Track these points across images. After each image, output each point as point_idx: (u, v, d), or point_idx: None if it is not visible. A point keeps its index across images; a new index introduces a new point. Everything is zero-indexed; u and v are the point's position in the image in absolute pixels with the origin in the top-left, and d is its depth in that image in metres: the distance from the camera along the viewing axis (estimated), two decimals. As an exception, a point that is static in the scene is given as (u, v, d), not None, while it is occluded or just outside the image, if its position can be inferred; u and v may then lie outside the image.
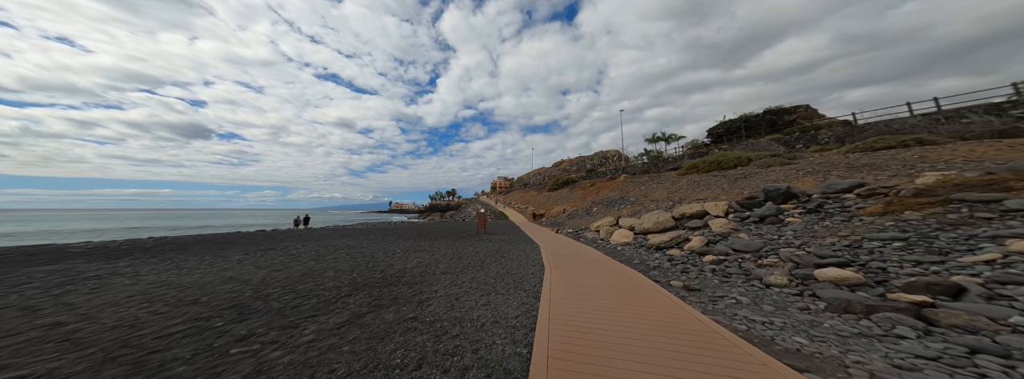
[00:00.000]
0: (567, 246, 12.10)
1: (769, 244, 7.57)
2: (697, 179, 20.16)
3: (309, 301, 4.89)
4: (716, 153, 22.59)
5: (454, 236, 16.57)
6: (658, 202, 19.49)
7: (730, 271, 6.86)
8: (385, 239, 14.19)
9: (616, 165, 39.50)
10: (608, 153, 47.88)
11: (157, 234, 18.62)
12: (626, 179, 28.72)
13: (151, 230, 28.53)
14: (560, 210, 30.97)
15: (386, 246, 11.82)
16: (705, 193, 17.44)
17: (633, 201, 22.39)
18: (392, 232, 18.43)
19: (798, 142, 22.56)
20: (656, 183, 23.79)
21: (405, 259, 8.89)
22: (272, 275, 6.65)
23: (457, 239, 15.20)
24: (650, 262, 8.65)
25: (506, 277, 6.79)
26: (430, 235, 16.76)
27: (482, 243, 13.62)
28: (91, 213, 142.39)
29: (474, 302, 4.93)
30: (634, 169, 30.89)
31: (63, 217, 72.80)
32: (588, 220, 22.97)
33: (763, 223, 9.08)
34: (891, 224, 6.43)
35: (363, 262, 8.31)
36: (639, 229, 12.90)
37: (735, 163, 19.66)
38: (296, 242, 12.83)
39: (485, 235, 17.16)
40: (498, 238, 15.66)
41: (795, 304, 4.87)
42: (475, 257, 9.59)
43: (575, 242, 13.78)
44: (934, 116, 17.71)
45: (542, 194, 42.34)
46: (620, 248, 11.62)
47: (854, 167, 14.00)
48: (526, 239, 15.24)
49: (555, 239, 14.98)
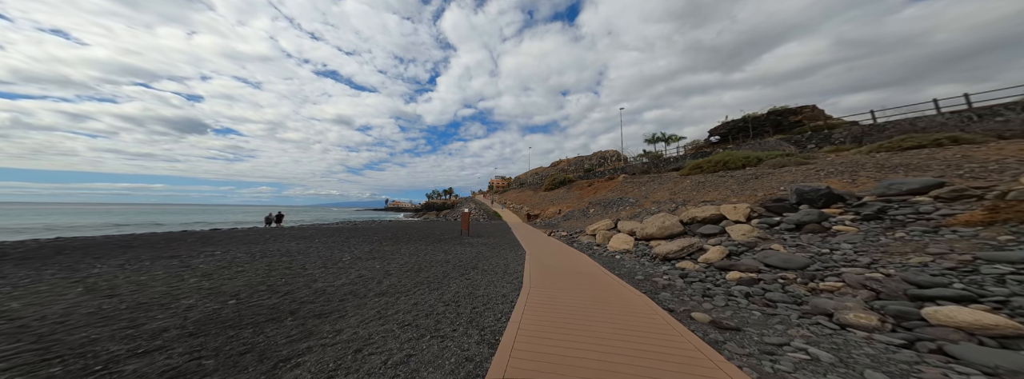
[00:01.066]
0: (557, 253, 10.12)
1: (819, 260, 5.61)
2: (702, 180, 18.23)
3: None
4: (722, 152, 20.67)
5: (433, 239, 14.56)
6: (660, 204, 17.56)
7: (773, 297, 4.90)
8: (347, 242, 12.14)
9: (614, 165, 37.59)
10: (607, 153, 45.95)
11: (85, 233, 16.46)
12: (625, 179, 26.78)
13: (96, 228, 26.29)
14: (555, 211, 29.01)
15: (336, 252, 9.70)
16: (712, 195, 15.51)
17: (632, 202, 20.43)
18: (364, 233, 16.41)
19: (809, 142, 20.66)
20: (657, 184, 21.84)
21: (344, 272, 6.86)
22: (92, 305, 4.41)
23: (434, 242, 13.20)
24: (657, 278, 6.68)
25: (464, 302, 4.81)
26: (405, 237, 14.76)
27: (460, 248, 11.62)
28: (66, 207, 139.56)
29: (383, 357, 2.96)
30: (633, 169, 28.96)
31: (41, 211, 70.36)
32: (584, 222, 21.02)
33: (800, 231, 7.13)
34: (1009, 238, 4.51)
35: (277, 278, 6.25)
36: (641, 234, 10.94)
37: (743, 163, 17.74)
38: (225, 246, 10.61)
39: (468, 238, 15.16)
40: (481, 242, 13.67)
41: (919, 374, 2.88)
42: (440, 268, 7.60)
43: (568, 248, 11.80)
44: (965, 114, 15.83)
45: (538, 194, 40.39)
46: (619, 257, 9.65)
47: (884, 167, 12.11)
48: (513, 243, 13.26)
49: (545, 244, 13.00)
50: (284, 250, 9.74)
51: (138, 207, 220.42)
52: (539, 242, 13.51)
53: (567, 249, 11.39)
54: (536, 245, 12.41)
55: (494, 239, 14.81)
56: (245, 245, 10.83)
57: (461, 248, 11.52)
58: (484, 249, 11.38)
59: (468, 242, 13.44)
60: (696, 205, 14.56)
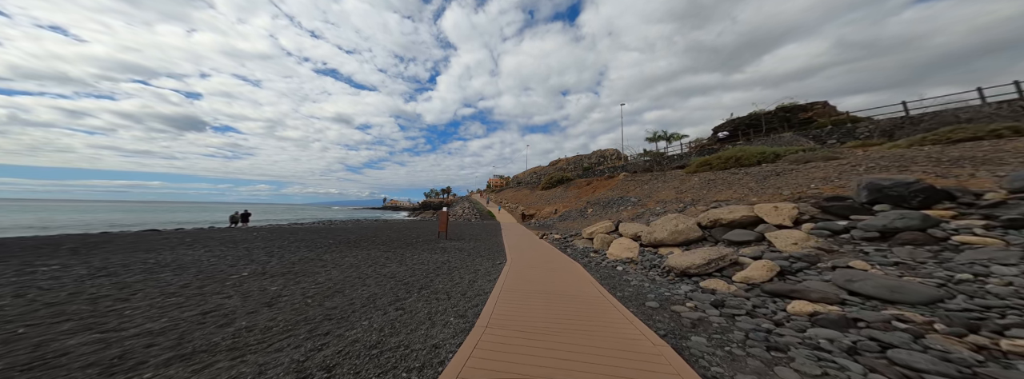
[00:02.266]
0: (545, 263, 7.91)
1: (960, 292, 3.40)
2: (712, 177, 16.00)
3: None
4: (733, 148, 18.44)
5: (402, 242, 12.34)
6: (665, 203, 15.34)
7: (906, 359, 2.69)
8: (283, 249, 9.76)
9: (614, 164, 35.41)
10: (606, 152, 43.72)
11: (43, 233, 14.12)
12: (626, 178, 24.56)
13: (23, 228, 23.84)
14: (551, 210, 26.78)
15: (249, 263, 7.37)
16: (725, 193, 13.29)
17: (635, 202, 18.21)
18: (325, 235, 14.15)
19: (830, 136, 18.44)
20: (661, 182, 19.61)
21: (195, 300, 4.57)
22: None
23: (400, 247, 10.99)
24: (679, 306, 4.49)
25: (342, 373, 2.61)
26: (369, 241, 12.53)
27: (426, 255, 9.40)
28: (60, 204, 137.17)
29: None
30: (635, 167, 26.73)
31: (35, 208, 68.27)
32: (582, 223, 18.80)
33: (889, 242, 4.91)
34: None
35: (81, 317, 4.06)
36: (648, 240, 8.73)
37: (758, 158, 15.51)
38: (123, 253, 8.28)
39: (444, 241, 12.94)
40: (457, 246, 11.46)
41: None
42: (371, 290, 5.39)
43: (560, 254, 9.58)
44: (1018, 103, 13.61)
45: (535, 193, 38.16)
46: (621, 268, 7.44)
47: (943, 161, 9.90)
48: (496, 248, 11.04)
49: (534, 249, 10.78)
50: (178, 261, 7.33)
51: (129, 204, 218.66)
52: (527, 246, 11.29)
53: (559, 256, 9.18)
54: (523, 251, 10.19)
55: (475, 243, 12.59)
56: (152, 253, 8.55)
57: (428, 255, 9.31)
58: (456, 257, 9.16)
59: (442, 247, 11.22)
60: (707, 205, 12.36)
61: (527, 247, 11.23)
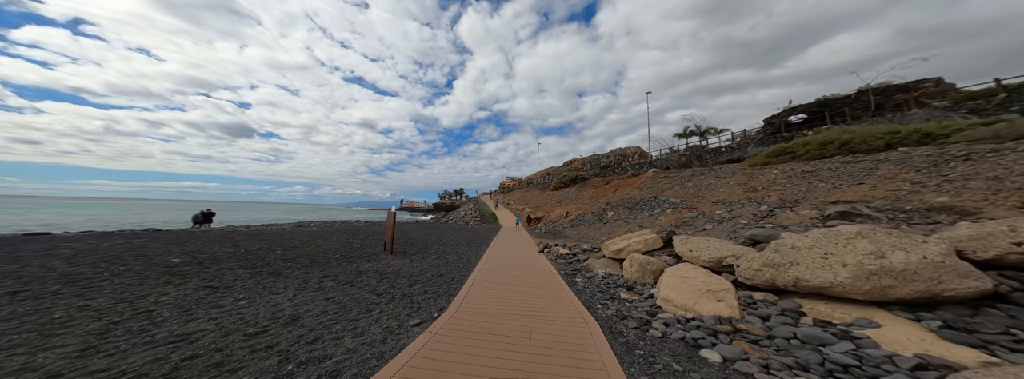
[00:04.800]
0: (527, 326, 2.68)
1: None
2: (806, 169, 10.37)
3: None
4: (830, 130, 12.65)
5: (319, 260, 7.44)
6: (729, 206, 9.84)
7: None
8: (114, 276, 5.11)
9: (638, 162, 29.71)
10: (628, 150, 37.87)
11: None
12: (656, 175, 18.95)
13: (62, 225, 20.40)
14: (561, 213, 21.43)
15: None
16: (855, 191, 7.69)
17: (676, 203, 12.67)
18: (229, 246, 9.41)
19: (1006, 107, 12.02)
20: (712, 178, 13.96)
21: None
22: None
23: (306, 267, 6.08)
24: None
25: None
26: (280, 259, 7.69)
27: (310, 295, 4.39)
28: (116, 202, 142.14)
29: None
30: (668, 162, 21.02)
31: (97, 205, 68.31)
32: (600, 230, 13.41)
33: None
34: None
35: None
36: (774, 280, 3.40)
37: (890, 140, 9.76)
38: None
39: (385, 258, 7.95)
40: (393, 271, 6.44)
41: None
42: None
43: (562, 294, 4.34)
44: None
45: (545, 193, 32.85)
46: (711, 352, 2.10)
47: None
48: (455, 276, 5.93)
49: (521, 279, 5.58)
50: None
51: (188, 203, 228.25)
52: (511, 272, 6.07)
53: (559, 299, 3.94)
54: (496, 284, 5.03)
55: (433, 261, 7.52)
56: None
57: (311, 295, 4.33)
58: (347, 299, 4.11)
59: (366, 271, 6.20)
60: (820, 207, 6.85)
61: (510, 273, 6.03)
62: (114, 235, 9.87)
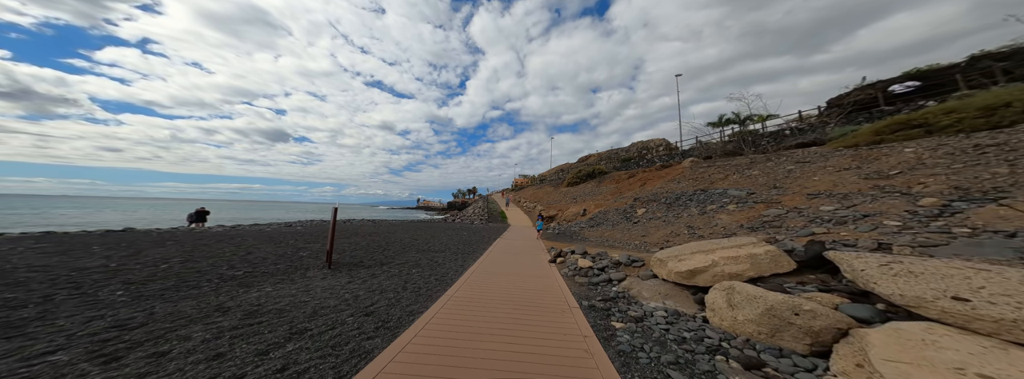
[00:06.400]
0: None
1: None
2: (980, 142, 6.75)
3: None
4: (1009, 87, 8.90)
5: (204, 280, 4.56)
6: (846, 199, 6.41)
7: None
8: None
9: (667, 153, 26.02)
10: (651, 143, 33.97)
11: None
12: (696, 164, 15.39)
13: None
14: (577, 211, 18.13)
15: None
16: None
17: (740, 197, 9.23)
18: (189, 248, 6.78)
19: None
20: (792, 164, 10.39)
21: None
22: None
23: (150, 297, 3.19)
24: None
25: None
26: (115, 281, 4.88)
27: None
28: (161, 203, 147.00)
29: None
30: (709, 151, 17.33)
31: (136, 205, 70.00)
32: (630, 232, 10.13)
33: None
34: None
35: None
36: None
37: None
38: None
39: (317, 275, 4.99)
40: (275, 312, 3.41)
41: None
42: None
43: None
44: None
45: (558, 190, 29.55)
46: None
47: None
48: (397, 310, 2.82)
49: (515, 320, 2.39)
50: None
51: (240, 203, 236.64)
52: (493, 313, 2.94)
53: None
54: (448, 358, 1.88)
55: (380, 282, 4.52)
56: None
57: None
58: None
59: (210, 317, 3.25)
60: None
61: (497, 310, 2.89)
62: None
